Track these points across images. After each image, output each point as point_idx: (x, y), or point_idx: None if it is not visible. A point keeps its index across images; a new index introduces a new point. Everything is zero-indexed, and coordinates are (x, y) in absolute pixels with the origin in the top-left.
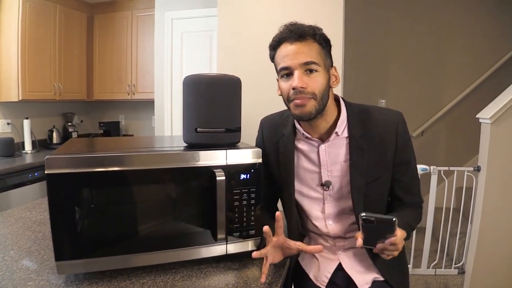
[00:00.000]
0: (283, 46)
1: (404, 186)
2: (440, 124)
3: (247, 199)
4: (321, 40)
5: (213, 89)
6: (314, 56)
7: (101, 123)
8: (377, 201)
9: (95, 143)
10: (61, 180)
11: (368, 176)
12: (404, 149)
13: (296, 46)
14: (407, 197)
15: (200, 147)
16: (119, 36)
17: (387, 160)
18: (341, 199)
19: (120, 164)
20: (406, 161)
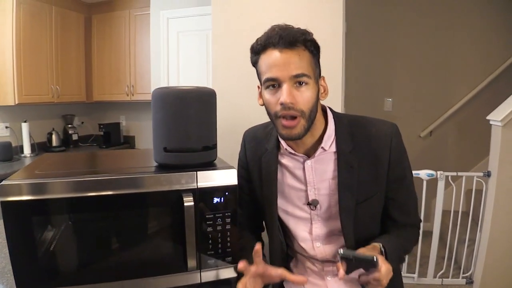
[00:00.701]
0: (270, 52)
1: (399, 205)
2: (449, 124)
3: (221, 225)
4: (312, 47)
5: (182, 104)
6: (305, 67)
7: (100, 125)
8: (368, 223)
9: (61, 163)
10: (16, 208)
11: (358, 195)
12: (399, 164)
13: (285, 55)
14: (403, 217)
15: (171, 168)
16: (117, 36)
17: (379, 178)
18: (330, 219)
19: (77, 190)
20: (400, 177)
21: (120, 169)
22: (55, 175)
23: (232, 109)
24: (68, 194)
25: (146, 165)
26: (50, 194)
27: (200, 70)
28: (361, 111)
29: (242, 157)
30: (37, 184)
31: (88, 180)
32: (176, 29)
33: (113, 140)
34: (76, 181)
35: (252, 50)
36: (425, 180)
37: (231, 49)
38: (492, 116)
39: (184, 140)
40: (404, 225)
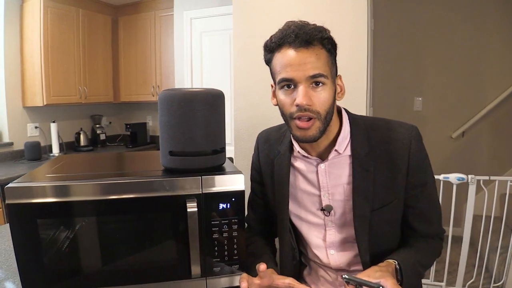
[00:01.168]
0: (285, 51)
1: (420, 214)
2: (483, 124)
3: (227, 231)
4: (329, 46)
5: (187, 107)
6: (322, 67)
7: (127, 125)
8: (384, 232)
9: (71, 165)
10: (21, 211)
11: (374, 202)
12: (419, 170)
13: (301, 54)
14: (424, 227)
15: (177, 172)
16: (142, 38)
17: (397, 184)
18: (345, 226)
19: (79, 194)
20: (421, 184)
21: (126, 173)
22: (62, 178)
23: (253, 110)
24: (70, 198)
25: (153, 168)
26: (53, 198)
27: (224, 70)
28: (389, 111)
29: (255, 160)
30: (41, 188)
31: (91, 185)
32: (199, 29)
33: (140, 140)
34: (78, 185)
35: (265, 47)
36: (455, 184)
37: (252, 49)
38: None
39: (190, 143)
40: (425, 236)
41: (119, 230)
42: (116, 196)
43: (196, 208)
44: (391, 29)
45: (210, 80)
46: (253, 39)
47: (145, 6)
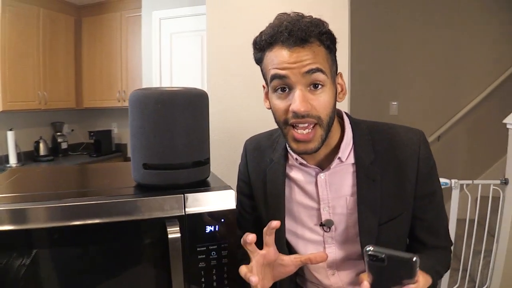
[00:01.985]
0: (277, 50)
1: (428, 225)
2: (458, 128)
3: (216, 259)
4: (327, 41)
5: (166, 110)
6: (320, 62)
7: (91, 133)
8: (392, 247)
9: (22, 181)
10: None
11: (381, 215)
12: (428, 178)
13: (297, 53)
14: (432, 239)
15: (152, 189)
16: (108, 40)
17: (406, 194)
18: (347, 242)
19: (31, 220)
20: (430, 193)
21: (91, 191)
22: (12, 199)
23: (229, 115)
24: (22, 225)
25: (123, 184)
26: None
27: (195, 73)
28: (366, 116)
29: (243, 170)
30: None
31: (48, 208)
32: (169, 30)
33: (104, 148)
34: (32, 209)
35: (255, 45)
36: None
37: (227, 50)
38: (510, 119)
39: (169, 154)
40: (434, 248)
41: (86, 261)
42: (79, 221)
43: (178, 233)
44: (366, 32)
45: (180, 83)
46: (228, 40)
47: (110, 6)
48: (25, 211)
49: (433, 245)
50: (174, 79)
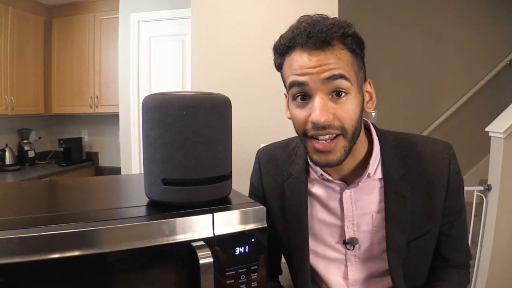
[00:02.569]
0: (296, 54)
1: (453, 241)
2: (437, 135)
3: (245, 282)
4: (353, 46)
5: (191, 118)
6: (343, 67)
7: (60, 140)
8: (419, 263)
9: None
10: None
11: (410, 232)
12: (457, 193)
13: (317, 57)
14: (455, 255)
15: (168, 207)
16: (80, 42)
17: (435, 210)
18: (370, 260)
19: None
20: (458, 209)
21: (99, 212)
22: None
23: None
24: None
25: (133, 203)
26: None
27: (175, 79)
28: None
29: (256, 184)
30: None
31: (62, 235)
32: (148, 34)
33: (75, 157)
34: (29, 237)
35: (274, 50)
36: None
37: (213, 54)
38: (493, 127)
39: (193, 168)
40: (455, 265)
41: None
42: (95, 250)
43: (211, 258)
44: None
45: (160, 89)
46: (214, 44)
47: (83, 7)
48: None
49: (455, 262)
50: (154, 84)
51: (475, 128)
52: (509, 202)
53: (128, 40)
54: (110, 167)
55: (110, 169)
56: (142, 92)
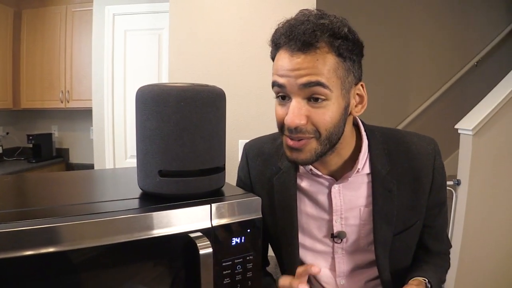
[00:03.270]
0: (282, 52)
1: (435, 233)
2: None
3: (241, 273)
4: (341, 48)
5: (189, 109)
6: (324, 74)
7: (30, 136)
8: (404, 254)
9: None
10: None
11: (396, 226)
12: (441, 188)
13: (297, 60)
14: (436, 245)
15: (163, 199)
16: (51, 35)
17: (420, 204)
18: (357, 252)
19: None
20: (441, 202)
21: (88, 204)
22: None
23: None
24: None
25: (126, 195)
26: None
27: (151, 74)
28: None
29: (244, 178)
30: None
31: (59, 228)
32: (124, 27)
33: (44, 153)
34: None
35: (271, 43)
36: None
37: (191, 48)
38: (462, 125)
39: (190, 159)
40: (437, 253)
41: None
42: (93, 242)
43: (210, 249)
44: None
45: (134, 84)
46: (193, 39)
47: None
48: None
49: (436, 251)
50: (128, 80)
51: (443, 125)
52: (477, 196)
53: (103, 33)
54: (82, 164)
55: (82, 165)
56: (116, 87)
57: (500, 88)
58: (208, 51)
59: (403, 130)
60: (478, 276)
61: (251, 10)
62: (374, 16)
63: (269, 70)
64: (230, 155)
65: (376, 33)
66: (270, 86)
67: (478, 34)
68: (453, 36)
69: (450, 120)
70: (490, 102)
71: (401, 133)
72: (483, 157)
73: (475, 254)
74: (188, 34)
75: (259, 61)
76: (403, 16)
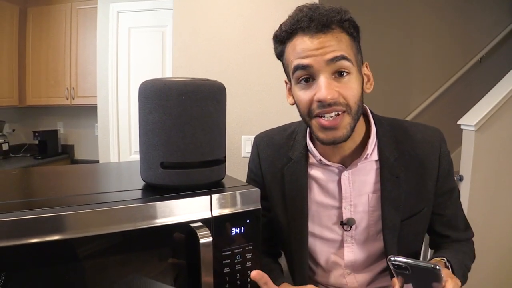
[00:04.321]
0: (298, 39)
1: (447, 220)
2: None
3: (241, 262)
4: (351, 29)
5: (190, 103)
6: (344, 49)
7: (35, 133)
8: (412, 242)
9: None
10: None
11: (404, 212)
12: (448, 175)
13: (319, 40)
14: (453, 233)
15: (165, 190)
16: (56, 32)
17: (427, 191)
18: (367, 241)
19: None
20: (450, 190)
21: (93, 194)
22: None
23: None
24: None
25: (129, 186)
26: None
27: (155, 71)
28: None
29: (255, 168)
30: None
31: (66, 216)
32: (128, 25)
33: (50, 150)
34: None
35: (275, 39)
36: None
37: (195, 45)
38: (465, 121)
39: (191, 151)
40: (457, 241)
41: (101, 274)
42: (98, 231)
43: (210, 238)
44: None
45: (138, 81)
46: (196, 36)
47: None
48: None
49: (455, 238)
50: (132, 76)
51: (446, 121)
52: (480, 192)
53: (107, 30)
54: (87, 160)
55: (87, 162)
56: (120, 84)
57: (503, 84)
58: (211, 48)
59: (409, 120)
60: (480, 272)
61: (253, 8)
62: (378, 12)
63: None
64: (233, 150)
65: (379, 29)
66: (272, 82)
67: (481, 30)
68: (457, 32)
69: (453, 116)
70: (493, 98)
71: (408, 123)
72: (485, 153)
73: (477, 250)
74: (191, 31)
75: (261, 58)
76: (406, 12)
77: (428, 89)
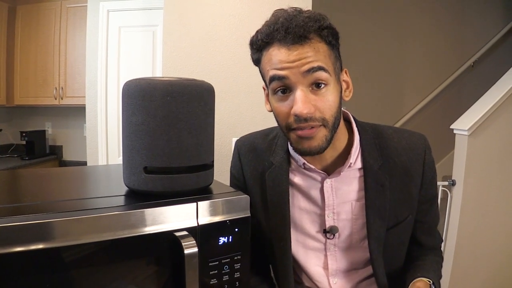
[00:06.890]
0: (275, 49)
1: (427, 227)
2: None
3: (229, 273)
4: (329, 37)
5: (175, 104)
6: (321, 59)
7: (23, 133)
8: (397, 250)
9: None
10: None
11: (389, 220)
12: (431, 183)
13: (295, 52)
14: (429, 240)
15: (149, 196)
16: (45, 31)
17: (411, 198)
18: (350, 249)
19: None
20: (432, 197)
21: (70, 201)
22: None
23: None
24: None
25: (111, 192)
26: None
27: (145, 71)
28: None
29: (236, 174)
30: None
31: (36, 225)
32: (118, 24)
33: (38, 150)
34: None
35: (251, 46)
36: None
37: (186, 46)
38: (458, 125)
39: (177, 156)
40: (430, 248)
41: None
42: (77, 240)
43: (196, 248)
44: None
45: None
46: (187, 36)
47: None
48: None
49: (430, 246)
50: (122, 76)
51: (439, 126)
52: (472, 196)
53: (97, 30)
54: (75, 161)
55: (75, 163)
56: (110, 84)
57: (496, 89)
58: (202, 48)
59: (393, 126)
60: (472, 276)
61: (245, 8)
62: (370, 15)
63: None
64: (223, 153)
65: (372, 32)
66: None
67: (474, 35)
68: (450, 36)
69: (446, 121)
70: (486, 102)
71: (392, 129)
72: (478, 157)
73: (469, 254)
74: (182, 31)
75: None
76: (399, 15)
77: (421, 93)
